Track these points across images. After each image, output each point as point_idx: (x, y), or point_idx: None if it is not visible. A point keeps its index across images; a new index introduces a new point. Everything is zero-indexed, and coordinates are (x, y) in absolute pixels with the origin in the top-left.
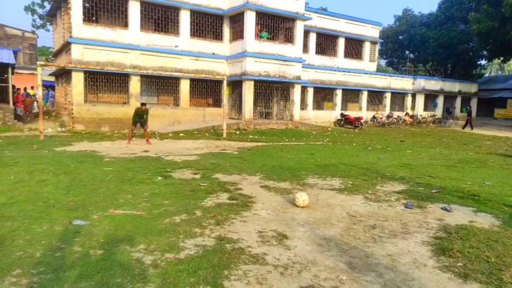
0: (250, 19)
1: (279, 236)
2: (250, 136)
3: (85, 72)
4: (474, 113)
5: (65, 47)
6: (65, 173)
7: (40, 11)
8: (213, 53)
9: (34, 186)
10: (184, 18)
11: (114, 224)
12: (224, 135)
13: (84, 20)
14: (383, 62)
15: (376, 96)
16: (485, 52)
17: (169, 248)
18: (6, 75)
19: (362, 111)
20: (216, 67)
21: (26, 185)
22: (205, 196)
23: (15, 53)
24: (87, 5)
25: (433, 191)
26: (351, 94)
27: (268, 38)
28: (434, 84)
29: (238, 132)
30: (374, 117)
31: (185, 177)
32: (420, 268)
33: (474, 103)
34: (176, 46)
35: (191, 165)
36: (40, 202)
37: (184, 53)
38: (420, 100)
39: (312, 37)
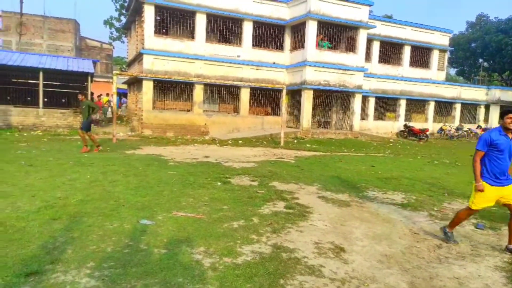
0: (311, 29)
1: (337, 249)
2: (307, 145)
3: (154, 80)
4: None
5: (138, 57)
6: (134, 175)
7: (116, 24)
8: (274, 63)
9: (107, 186)
10: (247, 29)
11: (177, 225)
12: (282, 144)
13: (155, 32)
14: (453, 71)
15: (444, 107)
16: None
17: (227, 252)
18: (85, 83)
19: (428, 123)
20: (276, 76)
21: (100, 184)
22: (262, 204)
23: (94, 63)
24: (158, 18)
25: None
26: (416, 105)
27: (329, 47)
28: (511, 95)
29: (295, 141)
30: (441, 129)
31: (243, 184)
32: None
33: None
34: (239, 56)
35: (249, 172)
36: (112, 201)
37: (245, 62)
38: (495, 112)
39: (376, 46)
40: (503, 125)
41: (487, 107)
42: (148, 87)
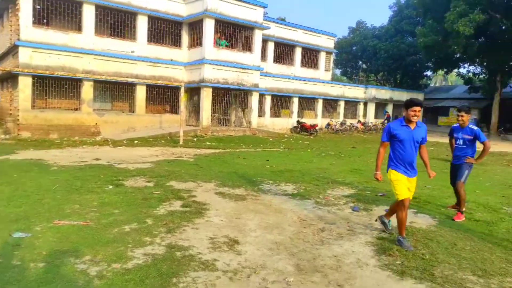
0: (209, 27)
1: (231, 242)
2: (207, 143)
3: (34, 76)
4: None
5: (12, 50)
6: (7, 183)
7: None
8: (171, 60)
9: None
10: (141, 24)
11: (59, 235)
12: (181, 142)
13: (34, 22)
14: (338, 72)
15: (331, 104)
16: (430, 64)
17: (117, 258)
18: None
19: (318, 119)
20: (174, 74)
21: None
22: (158, 204)
23: None
24: (38, 7)
25: (379, 194)
26: (307, 102)
27: (226, 46)
28: (384, 93)
29: (195, 139)
30: (328, 124)
31: (137, 185)
32: (362, 267)
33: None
34: (133, 52)
35: (144, 172)
36: None
37: (140, 58)
38: (371, 108)
39: (270, 46)
40: (406, 116)
41: (365, 104)
42: (25, 83)
